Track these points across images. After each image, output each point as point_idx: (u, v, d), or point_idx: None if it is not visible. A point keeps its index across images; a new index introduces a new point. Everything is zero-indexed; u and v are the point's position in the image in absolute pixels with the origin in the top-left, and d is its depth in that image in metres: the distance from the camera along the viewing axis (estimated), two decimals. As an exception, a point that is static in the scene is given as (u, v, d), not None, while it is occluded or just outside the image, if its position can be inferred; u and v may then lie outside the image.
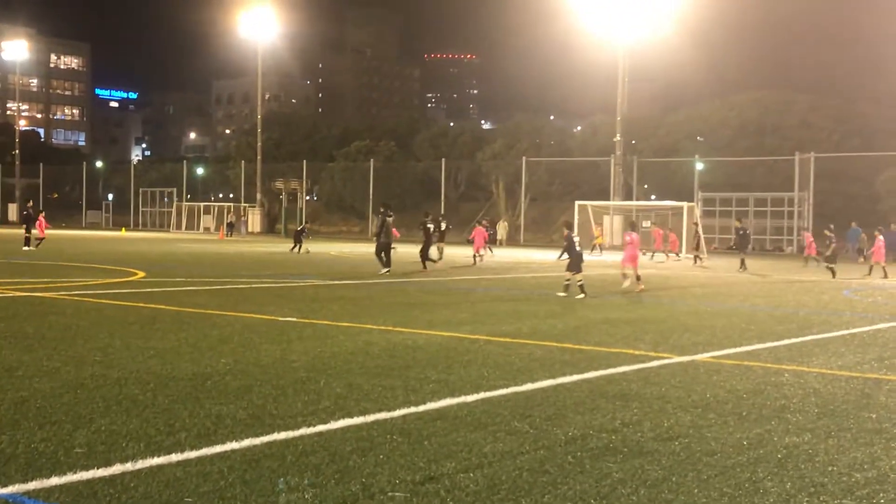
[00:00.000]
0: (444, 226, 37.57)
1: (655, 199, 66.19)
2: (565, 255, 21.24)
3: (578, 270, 20.69)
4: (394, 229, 29.55)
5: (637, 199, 64.00)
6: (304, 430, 7.36)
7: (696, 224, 41.19)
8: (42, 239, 39.65)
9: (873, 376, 10.52)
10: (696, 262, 38.20)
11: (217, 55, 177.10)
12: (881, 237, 31.85)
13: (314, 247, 48.71)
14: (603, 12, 58.37)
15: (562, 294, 20.46)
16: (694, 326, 15.01)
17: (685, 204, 48.54)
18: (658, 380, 9.94)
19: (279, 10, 79.55)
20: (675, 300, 20.42)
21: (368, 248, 44.94)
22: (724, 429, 7.79)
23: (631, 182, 65.09)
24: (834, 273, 29.93)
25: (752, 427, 7.87)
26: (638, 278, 22.84)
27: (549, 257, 36.39)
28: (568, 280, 20.84)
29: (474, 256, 36.07)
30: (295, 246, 42.01)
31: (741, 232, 35.36)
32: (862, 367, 11.20)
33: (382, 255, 27.91)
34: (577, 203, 53.10)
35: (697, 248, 39.13)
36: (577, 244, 21.03)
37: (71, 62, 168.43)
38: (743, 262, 34.32)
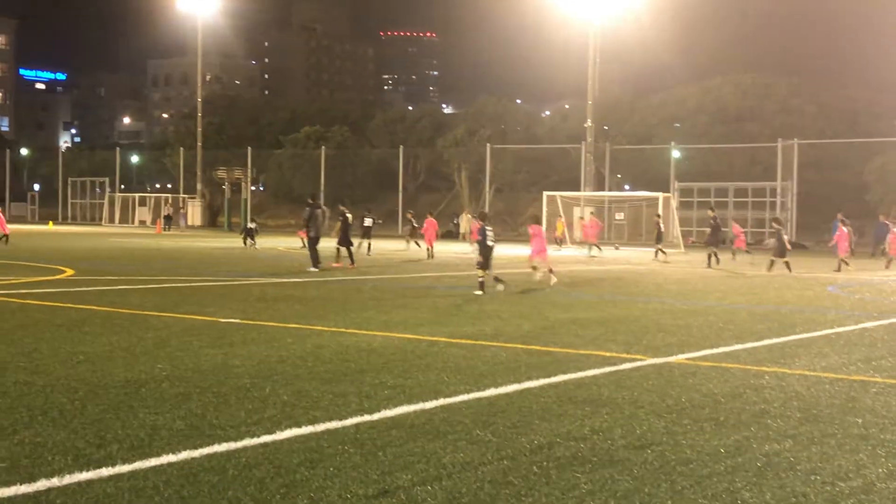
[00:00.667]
0: (368, 221, 38.60)
1: (629, 189, 66.62)
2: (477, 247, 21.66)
3: (486, 266, 21.14)
4: (341, 222, 29.63)
5: (610, 189, 64.39)
6: (247, 442, 7.32)
7: (658, 217, 41.65)
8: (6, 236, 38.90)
9: (859, 378, 10.66)
10: (656, 255, 38.58)
11: (153, 33, 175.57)
12: (844, 229, 33.24)
13: (260, 241, 48.46)
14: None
15: (478, 292, 20.52)
16: (668, 326, 15.13)
17: (661, 194, 48.93)
18: (630, 383, 10.01)
19: (221, -17, 79.00)
20: (649, 298, 20.57)
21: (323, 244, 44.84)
22: (700, 435, 7.86)
23: (603, 171, 65.47)
24: (789, 266, 30.24)
25: (730, 433, 7.94)
26: (550, 271, 23.47)
27: (516, 252, 36.47)
28: (482, 277, 21.07)
29: (428, 250, 37.13)
30: (246, 240, 42.17)
31: (713, 223, 34.90)
32: (847, 368, 11.34)
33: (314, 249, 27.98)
34: (545, 194, 53.36)
35: (659, 241, 39.47)
36: (489, 238, 21.38)
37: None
38: (713, 256, 33.76)
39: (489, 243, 21.32)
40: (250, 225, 44.49)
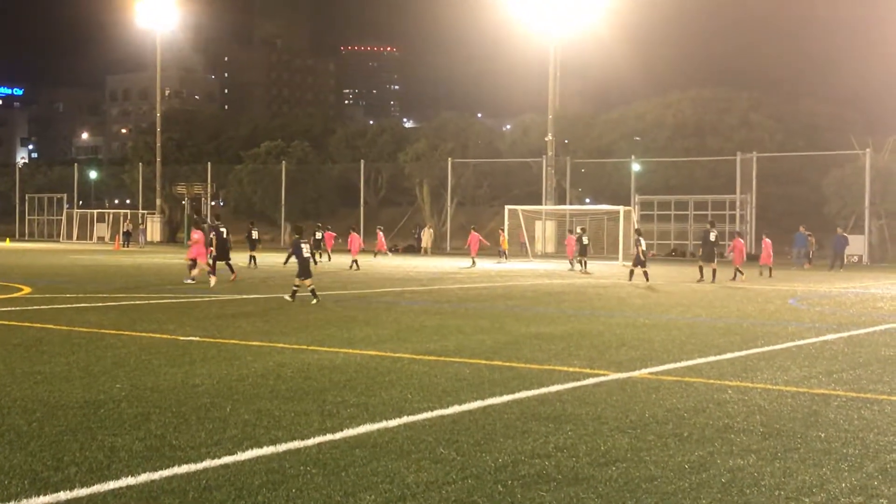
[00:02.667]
0: (255, 234, 42.37)
1: (591, 203, 66.89)
2: (293, 259, 22.73)
3: (307, 276, 21.92)
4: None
5: (571, 203, 64.62)
6: (207, 463, 7.24)
7: (583, 230, 42.67)
8: None
9: (821, 392, 10.71)
10: (572, 267, 40.26)
11: (111, 48, 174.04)
12: (740, 240, 35.83)
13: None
14: (532, 3, 58.91)
15: (288, 298, 21.76)
16: (631, 340, 15.16)
17: (621, 208, 49.20)
18: (594, 399, 10.00)
19: (180, -2, 78.63)
20: (612, 312, 20.62)
21: (279, 258, 44.70)
22: (665, 451, 7.86)
23: (564, 185, 65.70)
24: (647, 276, 31.56)
25: (694, 449, 7.95)
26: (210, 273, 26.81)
27: (479, 266, 36.56)
28: (297, 286, 21.94)
29: (352, 263, 38.65)
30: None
31: (709, 237, 33.95)
32: (809, 381, 11.40)
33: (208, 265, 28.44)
34: (507, 207, 53.47)
35: (583, 254, 40.48)
36: (304, 250, 22.15)
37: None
38: (702, 271, 33.09)
39: (305, 255, 22.14)
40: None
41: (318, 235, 45.33)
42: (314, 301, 21.27)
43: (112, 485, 6.62)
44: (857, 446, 8.13)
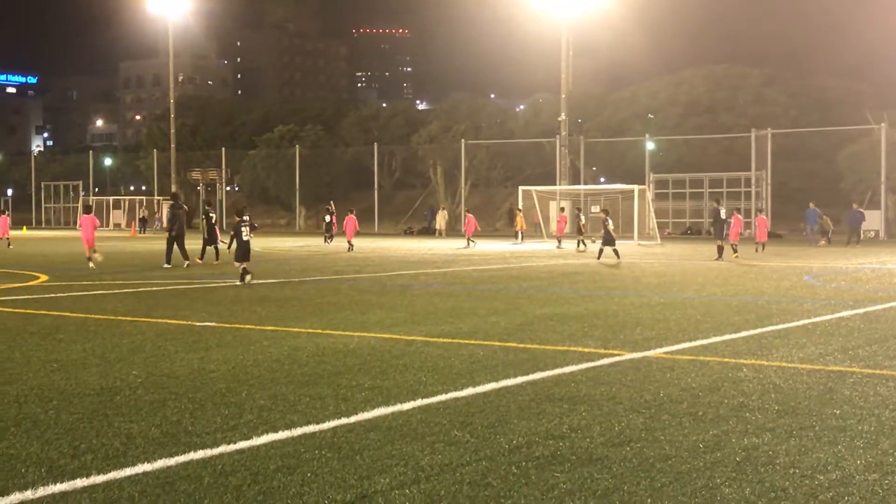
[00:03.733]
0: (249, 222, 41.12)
1: (605, 182, 66.74)
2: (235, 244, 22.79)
3: (244, 259, 22.35)
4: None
5: (585, 183, 64.51)
6: (223, 448, 7.26)
7: (578, 210, 43.05)
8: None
9: (837, 369, 10.68)
10: (578, 246, 39.91)
11: (124, 34, 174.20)
12: (739, 216, 35.00)
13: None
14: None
15: (239, 283, 22.04)
16: (646, 320, 15.13)
17: (636, 187, 49.05)
18: (608, 379, 9.99)
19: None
20: (626, 291, 20.58)
21: (295, 243, 44.83)
22: (679, 431, 7.85)
23: (578, 164, 65.56)
24: (617, 254, 32.04)
25: (709, 428, 7.93)
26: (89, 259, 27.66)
27: (493, 248, 36.55)
28: (240, 268, 22.48)
29: (349, 244, 40.04)
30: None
31: (717, 215, 34.49)
32: (825, 358, 11.36)
33: (173, 248, 29.03)
34: (520, 188, 53.39)
35: (581, 232, 40.86)
36: (244, 233, 22.55)
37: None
38: (720, 250, 32.96)
39: (245, 238, 22.48)
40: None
41: (328, 219, 45.85)
42: (238, 283, 21.95)
43: (128, 471, 6.65)
44: (872, 423, 8.10)
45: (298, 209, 76.04)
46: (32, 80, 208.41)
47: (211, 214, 31.95)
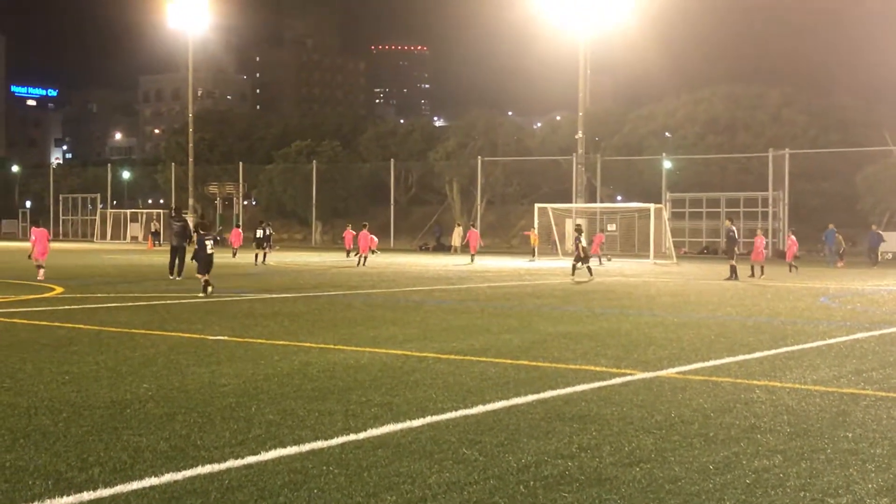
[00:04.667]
0: (259, 232, 42.54)
1: (621, 201, 66.64)
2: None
3: (205, 272, 23.37)
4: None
5: (601, 201, 64.43)
6: (231, 463, 7.24)
7: (578, 231, 39.40)
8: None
9: (850, 391, 10.60)
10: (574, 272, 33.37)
11: (144, 49, 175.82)
12: (762, 236, 34.63)
13: (251, 256, 48.34)
14: (564, 1, 58.74)
15: (202, 295, 22.71)
16: (660, 339, 15.06)
17: (652, 206, 48.92)
18: (619, 399, 9.94)
19: (211, -1, 78.97)
20: (640, 311, 20.51)
21: (311, 258, 44.91)
22: (690, 452, 7.79)
23: (595, 182, 65.51)
24: (590, 271, 32.76)
25: (720, 449, 7.88)
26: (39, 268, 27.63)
27: (508, 265, 36.49)
28: (203, 280, 23.37)
29: (359, 258, 40.72)
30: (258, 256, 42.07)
31: (730, 234, 33.96)
32: (838, 381, 11.28)
33: (177, 263, 29.16)
34: (536, 206, 53.36)
35: (579, 258, 38.32)
36: (207, 246, 23.63)
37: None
38: (733, 270, 32.51)
39: (208, 251, 23.55)
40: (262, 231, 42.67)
41: (259, 234, 45.79)
42: (201, 294, 22.66)
43: (135, 485, 6.64)
44: (884, 447, 8.03)
45: (315, 224, 76.16)
46: (53, 93, 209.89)
47: (174, 225, 32.27)
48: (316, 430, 8.32)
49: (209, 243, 23.86)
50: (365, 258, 40.79)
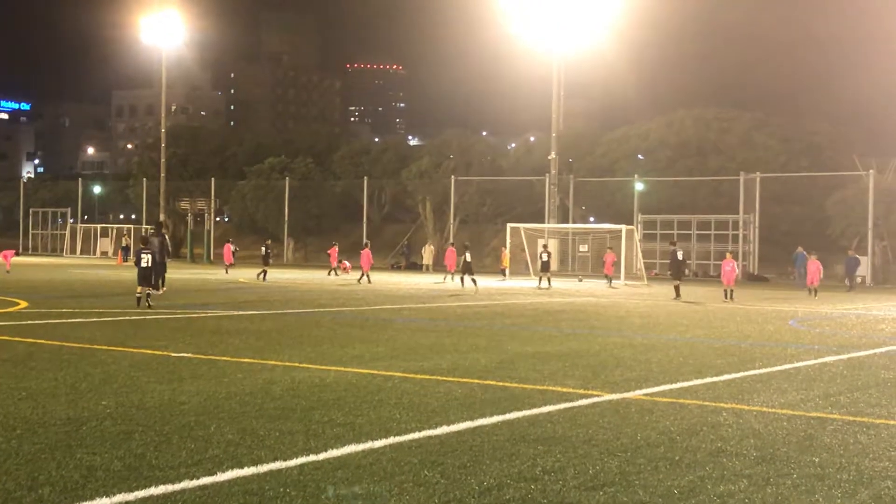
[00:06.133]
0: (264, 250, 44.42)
1: (594, 222, 66.70)
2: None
3: (143, 284, 24.37)
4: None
5: (574, 222, 64.47)
6: (185, 484, 7.06)
7: (545, 246, 44.26)
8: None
9: (817, 415, 10.52)
10: (539, 284, 41.33)
11: (118, 63, 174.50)
12: (816, 260, 35.05)
13: (220, 272, 48.06)
14: (536, 23, 58.97)
15: (137, 309, 23.34)
16: (628, 360, 14.96)
17: (623, 227, 48.98)
18: (585, 421, 9.82)
19: (186, 14, 78.66)
20: (610, 331, 20.43)
21: (282, 275, 44.69)
22: (654, 475, 7.68)
23: (567, 203, 65.57)
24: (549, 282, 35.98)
25: (685, 473, 7.77)
26: None
27: (479, 284, 36.32)
28: (138, 293, 24.33)
29: (361, 275, 41.36)
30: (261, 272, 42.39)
31: (674, 256, 35.44)
32: (806, 404, 11.21)
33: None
34: (508, 226, 53.33)
35: (544, 270, 41.90)
36: (143, 260, 24.32)
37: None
38: (677, 290, 34.16)
39: (143, 265, 24.28)
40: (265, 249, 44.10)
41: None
42: (139, 307, 23.51)
43: (85, 506, 6.46)
44: (851, 472, 7.94)
45: (287, 241, 75.80)
46: (25, 106, 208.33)
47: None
48: (275, 451, 8.15)
49: (146, 257, 24.47)
50: (367, 276, 41.10)
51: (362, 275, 41.25)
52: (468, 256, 36.76)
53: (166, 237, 32.70)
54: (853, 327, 23.33)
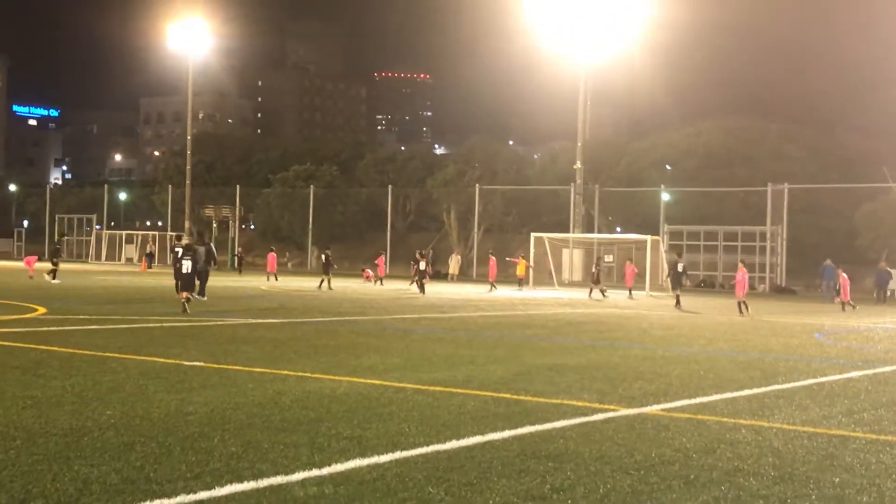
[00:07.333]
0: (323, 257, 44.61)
1: (620, 232, 66.34)
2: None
3: (186, 290, 24.81)
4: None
5: (599, 231, 64.13)
6: (182, 498, 6.88)
7: (599, 259, 44.71)
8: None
9: (839, 433, 10.23)
10: (590, 294, 41.88)
11: (146, 71, 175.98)
12: (744, 270, 33.34)
13: (245, 279, 48.06)
14: (565, 31, 58.74)
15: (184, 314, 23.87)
16: (648, 374, 14.69)
17: (649, 237, 48.59)
18: (599, 436, 9.58)
19: (213, 22, 79.09)
20: (631, 343, 20.15)
21: (304, 282, 44.59)
22: (667, 495, 7.43)
23: (593, 213, 65.23)
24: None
25: (699, 493, 7.52)
26: None
27: (502, 294, 36.15)
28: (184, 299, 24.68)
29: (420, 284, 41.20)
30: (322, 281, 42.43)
31: (675, 267, 36.11)
32: (828, 421, 10.92)
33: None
34: (532, 235, 53.04)
35: (597, 282, 42.47)
36: (183, 267, 25.00)
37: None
38: (677, 300, 34.99)
39: (184, 271, 24.90)
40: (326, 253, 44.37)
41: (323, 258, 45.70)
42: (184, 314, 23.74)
43: (76, 520, 6.29)
44: (871, 493, 7.67)
45: (311, 249, 75.83)
46: (54, 113, 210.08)
47: (177, 250, 32.40)
48: (277, 465, 7.96)
49: (186, 263, 24.81)
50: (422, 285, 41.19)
51: (376, 279, 41.48)
52: (422, 265, 40.29)
53: (212, 245, 32.99)
54: (880, 341, 22.93)
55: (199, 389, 11.74)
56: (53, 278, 40.12)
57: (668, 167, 67.26)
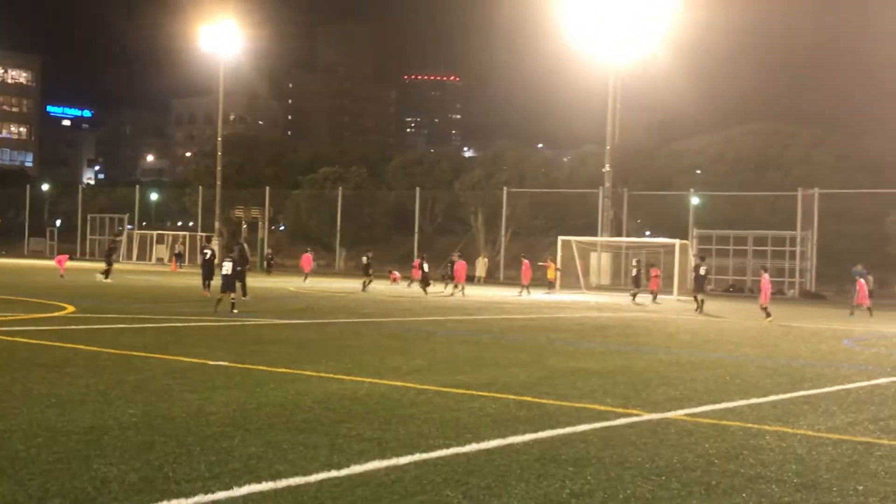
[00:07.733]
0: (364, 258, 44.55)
1: (650, 236, 66.03)
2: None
3: (226, 291, 25.00)
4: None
5: (628, 235, 63.84)
6: (199, 498, 6.87)
7: (638, 261, 45.06)
8: None
9: (864, 440, 10.10)
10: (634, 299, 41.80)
11: (178, 72, 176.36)
12: (766, 276, 32.59)
13: (273, 280, 48.21)
14: (595, 34, 58.48)
15: (235, 311, 24.55)
16: (672, 378, 14.57)
17: (677, 241, 48.34)
18: (621, 441, 9.49)
19: (245, 24, 79.31)
20: (657, 348, 20.01)
21: (331, 284, 44.66)
22: (687, 501, 7.35)
23: (621, 216, 64.95)
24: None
25: (720, 500, 7.43)
26: None
27: (529, 297, 36.07)
28: (223, 298, 24.94)
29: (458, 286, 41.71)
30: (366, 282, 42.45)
31: (698, 271, 35.98)
32: (854, 428, 10.78)
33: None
34: (560, 238, 52.87)
35: (637, 285, 43.11)
36: (224, 268, 25.27)
37: (19, 76, 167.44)
38: (702, 302, 34.91)
39: (224, 272, 25.13)
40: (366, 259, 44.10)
41: (364, 260, 44.93)
42: (235, 311, 24.40)
43: (93, 519, 6.28)
44: (895, 501, 7.56)
45: (339, 250, 75.96)
46: (87, 113, 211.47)
47: (206, 251, 34.61)
48: (296, 465, 7.93)
49: (228, 265, 25.24)
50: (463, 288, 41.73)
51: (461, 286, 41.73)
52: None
53: (245, 246, 33.89)
54: (910, 348, 22.67)
55: (222, 389, 11.74)
56: (106, 277, 40.54)
57: (697, 171, 66.87)
